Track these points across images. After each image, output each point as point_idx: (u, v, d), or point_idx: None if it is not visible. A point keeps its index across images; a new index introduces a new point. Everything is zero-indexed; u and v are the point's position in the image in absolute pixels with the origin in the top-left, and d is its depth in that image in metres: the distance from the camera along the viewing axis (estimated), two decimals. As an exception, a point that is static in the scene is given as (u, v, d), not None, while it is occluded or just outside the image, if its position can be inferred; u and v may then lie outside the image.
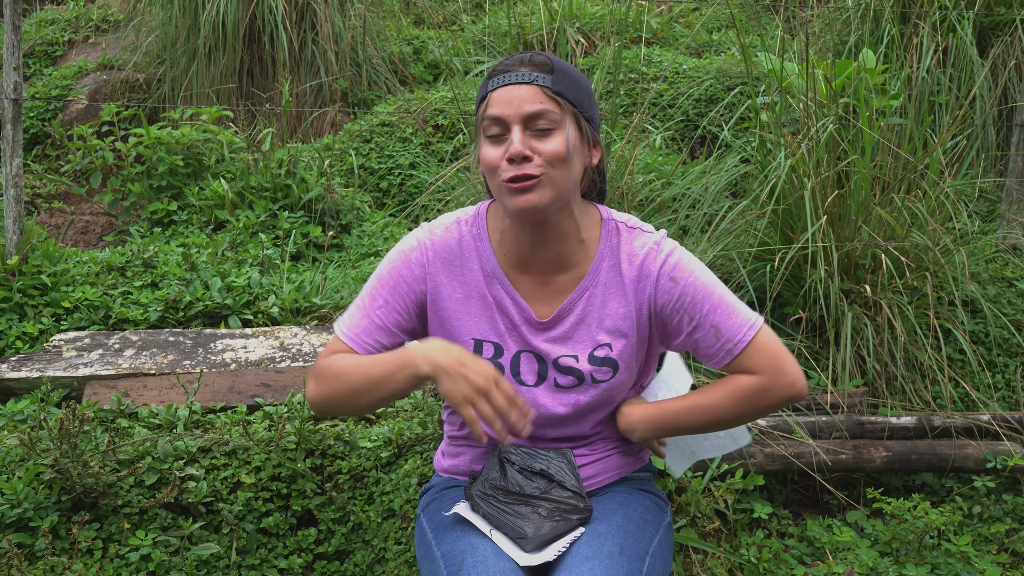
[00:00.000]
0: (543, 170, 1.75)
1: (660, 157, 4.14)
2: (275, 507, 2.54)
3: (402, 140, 4.76)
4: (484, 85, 1.80)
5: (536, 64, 1.78)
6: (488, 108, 1.77)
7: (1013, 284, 3.60)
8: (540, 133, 1.76)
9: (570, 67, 1.82)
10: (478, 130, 1.84)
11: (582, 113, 1.80)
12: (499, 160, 1.77)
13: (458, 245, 1.92)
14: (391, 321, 1.90)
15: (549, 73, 1.77)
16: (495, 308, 1.91)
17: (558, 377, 1.90)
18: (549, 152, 1.75)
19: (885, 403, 3.11)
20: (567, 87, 1.78)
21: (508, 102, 1.75)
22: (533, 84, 1.75)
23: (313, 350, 3.12)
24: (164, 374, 2.97)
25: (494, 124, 1.77)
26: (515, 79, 1.76)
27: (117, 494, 2.43)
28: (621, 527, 1.84)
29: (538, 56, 1.79)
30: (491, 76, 1.80)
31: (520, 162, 1.75)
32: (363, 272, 3.71)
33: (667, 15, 6.21)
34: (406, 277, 1.90)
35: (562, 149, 1.76)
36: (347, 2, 5.46)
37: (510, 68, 1.78)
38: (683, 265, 1.87)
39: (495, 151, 1.78)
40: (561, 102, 1.76)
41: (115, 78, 5.49)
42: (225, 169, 4.39)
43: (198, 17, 5.14)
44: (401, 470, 2.61)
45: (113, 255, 3.62)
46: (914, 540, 2.73)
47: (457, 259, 1.91)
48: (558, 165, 1.76)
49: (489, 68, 1.88)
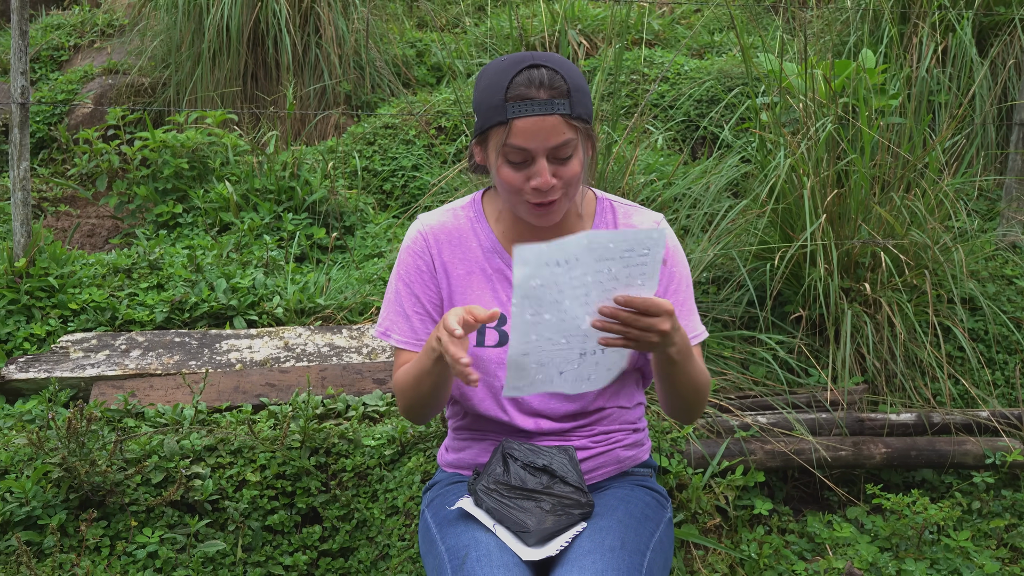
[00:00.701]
0: (563, 191, 1.84)
1: (662, 158, 4.17)
2: (280, 505, 2.57)
3: (405, 142, 4.80)
4: (500, 106, 1.79)
5: (555, 89, 1.78)
6: (510, 137, 1.79)
7: (1013, 282, 3.62)
8: (561, 160, 1.81)
9: (575, 72, 1.84)
10: (489, 144, 1.85)
11: (590, 122, 1.86)
12: (522, 184, 1.83)
13: (456, 227, 2.00)
14: (431, 310, 1.99)
15: (567, 97, 1.79)
16: (496, 279, 1.98)
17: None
18: (570, 175, 1.83)
19: (885, 400, 3.13)
20: (582, 106, 1.82)
21: (533, 135, 1.78)
22: (556, 115, 1.78)
23: (317, 350, 3.15)
24: (170, 374, 3.00)
25: (516, 152, 1.80)
26: (538, 110, 1.77)
27: (124, 492, 2.46)
28: (622, 522, 1.86)
29: (554, 77, 1.79)
30: (509, 99, 1.78)
31: (547, 192, 1.82)
32: (367, 273, 3.74)
33: (668, 17, 6.24)
34: (420, 267, 1.98)
35: (580, 169, 1.84)
36: (350, 5, 5.49)
37: (528, 95, 1.77)
38: (674, 252, 1.98)
39: (516, 174, 1.83)
40: (579, 126, 1.82)
41: (120, 82, 5.53)
42: (230, 172, 4.42)
43: (202, 21, 5.18)
44: (405, 467, 2.63)
45: (119, 257, 3.66)
46: (913, 535, 2.75)
47: (456, 239, 1.99)
48: (575, 183, 1.85)
49: (489, 67, 1.87)
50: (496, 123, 1.81)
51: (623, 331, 1.62)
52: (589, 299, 1.58)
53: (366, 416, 2.84)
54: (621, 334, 1.62)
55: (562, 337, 1.62)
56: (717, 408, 3.00)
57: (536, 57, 1.83)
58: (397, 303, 2.00)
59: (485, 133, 1.85)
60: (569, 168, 1.83)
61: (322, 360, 3.11)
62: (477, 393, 1.97)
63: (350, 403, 2.85)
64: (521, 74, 1.80)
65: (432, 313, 1.99)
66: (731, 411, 2.99)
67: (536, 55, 1.84)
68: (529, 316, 1.57)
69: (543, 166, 1.81)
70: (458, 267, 1.98)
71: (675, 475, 2.74)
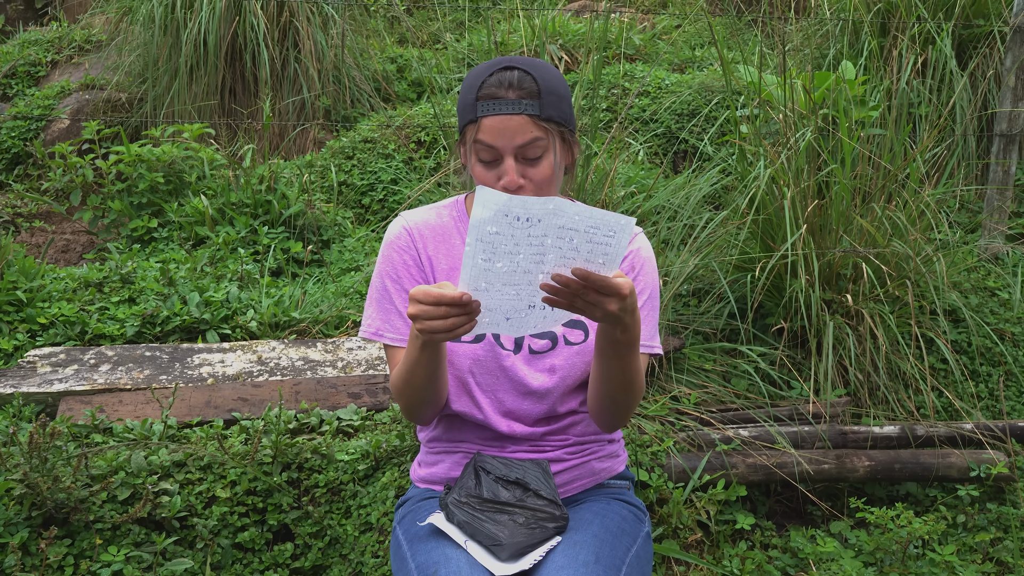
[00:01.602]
0: (534, 192, 1.84)
1: (642, 171, 4.14)
2: (251, 522, 2.51)
3: (384, 156, 4.75)
4: (471, 105, 1.83)
5: (524, 90, 1.80)
6: (479, 134, 1.82)
7: (995, 293, 3.59)
8: (530, 161, 1.83)
9: (550, 76, 1.85)
10: (466, 144, 1.88)
11: (566, 126, 1.87)
12: (492, 182, 1.84)
13: (439, 224, 2.01)
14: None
15: (536, 98, 1.81)
16: None
17: (532, 342, 1.94)
18: (540, 177, 1.84)
19: (868, 413, 3.09)
20: (554, 108, 1.83)
21: (500, 133, 1.80)
22: (523, 114, 1.80)
23: (291, 364, 3.10)
24: (140, 389, 2.94)
25: (486, 150, 1.83)
26: (505, 109, 1.80)
27: (89, 509, 2.39)
28: (597, 536, 1.83)
29: (524, 78, 1.81)
30: (479, 97, 1.81)
31: (514, 191, 1.81)
32: (343, 287, 3.68)
33: (650, 32, 6.23)
34: (407, 261, 1.96)
35: (551, 172, 1.85)
36: (330, 20, 5.45)
37: (497, 94, 1.80)
38: (647, 263, 1.98)
39: (487, 173, 1.84)
40: (548, 127, 1.82)
41: (97, 97, 5.46)
42: (206, 186, 4.36)
43: (180, 36, 5.13)
44: (379, 483, 2.58)
45: (91, 271, 3.59)
46: (898, 550, 2.70)
47: (440, 234, 1.99)
48: (546, 186, 1.85)
49: (472, 70, 1.88)
50: (468, 121, 1.84)
51: (570, 298, 1.58)
52: (545, 260, 1.55)
53: (340, 431, 2.78)
54: (567, 299, 1.59)
55: (512, 288, 1.59)
56: (698, 421, 2.95)
57: (514, 61, 1.85)
58: (386, 301, 1.95)
59: (463, 132, 1.88)
60: (538, 170, 1.84)
61: (296, 374, 3.05)
62: (452, 391, 1.95)
63: (324, 417, 2.79)
64: (494, 75, 1.83)
65: None
66: (712, 424, 2.95)
67: (515, 59, 1.86)
68: (481, 261, 1.54)
69: (510, 165, 1.82)
70: (442, 261, 1.98)
71: (655, 489, 2.69)
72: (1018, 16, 3.53)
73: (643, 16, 6.55)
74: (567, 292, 1.57)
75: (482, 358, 1.93)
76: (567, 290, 1.57)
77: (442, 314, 1.59)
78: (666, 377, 3.10)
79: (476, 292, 1.58)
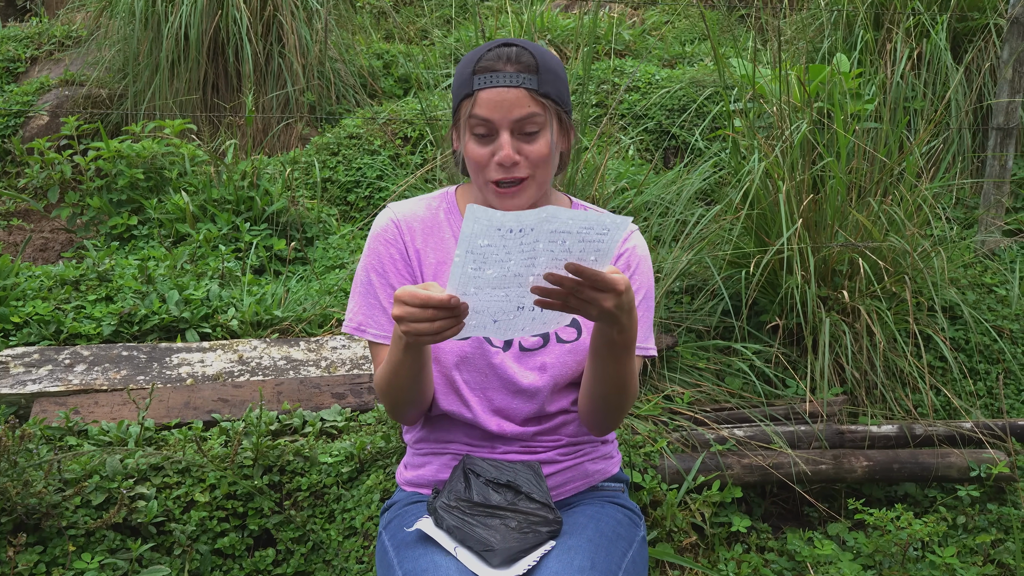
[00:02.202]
0: (530, 171, 1.79)
1: (632, 166, 4.06)
2: (230, 527, 2.42)
3: (370, 152, 4.66)
4: (468, 79, 1.78)
5: (522, 64, 1.76)
6: (475, 107, 1.76)
7: (993, 290, 3.53)
8: (527, 136, 1.77)
9: (549, 56, 1.82)
10: (460, 122, 1.82)
11: (563, 108, 1.82)
12: (487, 159, 1.79)
13: (428, 216, 1.94)
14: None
15: (535, 73, 1.76)
16: None
17: (523, 340, 1.88)
18: (536, 155, 1.78)
19: (865, 412, 3.02)
20: (552, 85, 1.79)
21: (497, 106, 1.75)
22: (521, 87, 1.75)
23: (273, 364, 3.01)
24: (116, 390, 2.84)
25: (481, 124, 1.77)
26: (503, 81, 1.75)
27: (62, 515, 2.30)
28: (592, 541, 1.76)
29: (523, 53, 1.78)
30: (476, 71, 1.77)
31: (510, 167, 1.77)
32: (327, 284, 3.59)
33: (639, 28, 6.16)
34: (394, 255, 1.90)
35: (547, 151, 1.79)
36: (314, 15, 5.36)
37: (495, 67, 1.76)
38: (642, 261, 1.92)
39: (481, 149, 1.79)
40: (546, 103, 1.77)
41: (77, 93, 5.36)
42: (187, 183, 4.27)
43: (161, 30, 5.03)
44: (363, 486, 2.49)
45: (67, 269, 3.49)
46: (898, 552, 2.63)
47: (429, 228, 1.92)
48: (543, 165, 1.80)
49: (474, 51, 1.83)
50: (464, 96, 1.79)
51: (564, 297, 1.51)
52: (536, 262, 1.48)
53: (324, 432, 2.69)
54: (561, 299, 1.51)
55: (501, 291, 1.52)
56: (692, 421, 2.88)
57: (511, 40, 1.81)
58: (371, 295, 1.89)
59: (457, 111, 1.82)
60: (535, 147, 1.78)
61: (278, 374, 2.96)
62: (439, 389, 1.88)
63: (307, 419, 2.70)
64: (492, 51, 1.79)
65: None
66: (707, 424, 2.87)
67: (512, 39, 1.81)
68: (471, 270, 1.47)
69: (506, 139, 1.76)
70: (430, 255, 1.91)
71: (649, 491, 2.62)
72: (1016, 7, 3.47)
73: (632, 12, 6.48)
74: (560, 291, 1.50)
75: (470, 355, 1.86)
76: (560, 288, 1.50)
77: (429, 316, 1.52)
78: (659, 376, 3.02)
79: (464, 296, 1.52)
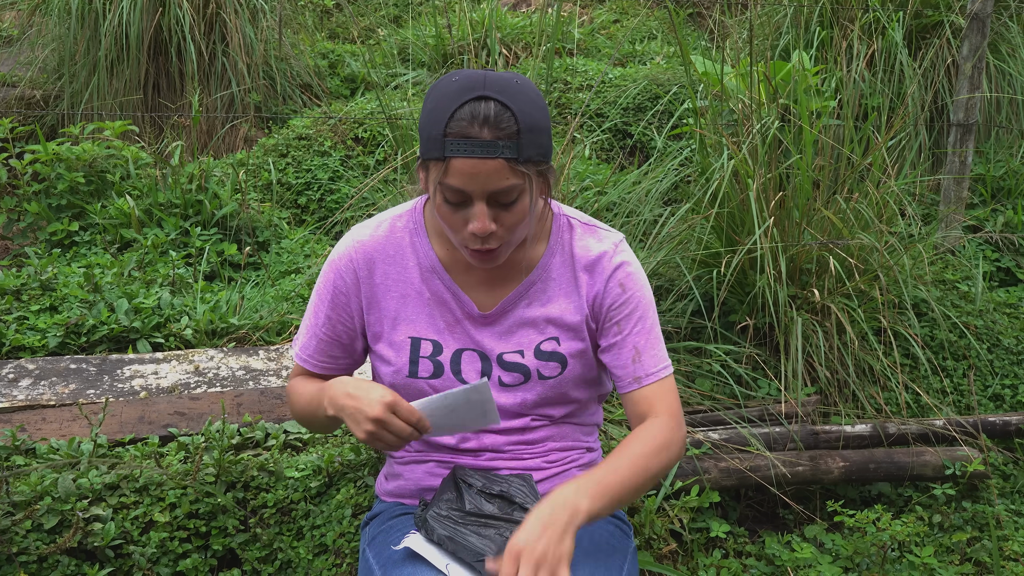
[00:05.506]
0: (506, 237, 1.65)
1: (591, 167, 4.00)
2: (193, 547, 2.29)
3: (320, 154, 4.54)
4: (438, 141, 1.56)
5: (500, 130, 1.54)
6: (447, 175, 1.57)
7: (955, 286, 3.53)
8: (504, 205, 1.60)
9: (529, 105, 1.59)
10: (429, 177, 1.63)
11: (545, 162, 1.63)
12: (460, 225, 1.63)
13: (391, 244, 1.81)
14: (340, 334, 1.85)
15: (514, 139, 1.55)
16: (434, 303, 1.80)
17: (503, 375, 1.79)
18: (512, 222, 1.63)
19: (837, 411, 2.99)
20: (534, 147, 1.58)
21: (471, 178, 1.56)
22: (499, 159, 1.55)
23: (232, 374, 2.88)
24: (65, 405, 2.70)
25: (455, 193, 1.59)
26: (479, 152, 1.54)
27: (12, 540, 2.16)
28: (588, 554, 1.70)
29: (501, 114, 1.55)
30: (448, 134, 1.55)
31: (486, 237, 1.63)
32: (284, 290, 3.47)
33: (588, 27, 6.11)
34: (341, 288, 1.81)
35: (524, 215, 1.63)
36: (259, 13, 5.22)
37: (469, 133, 1.54)
38: (635, 277, 1.81)
39: (454, 215, 1.63)
40: (527, 170, 1.58)
41: (9, 95, 5.15)
42: (131, 186, 4.10)
43: (98, 28, 4.84)
44: (333, 501, 2.38)
45: (6, 278, 3.32)
46: (876, 554, 2.60)
47: (391, 258, 1.80)
48: (520, 229, 1.66)
49: (437, 87, 1.63)
50: (434, 157, 1.58)
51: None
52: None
53: (288, 445, 2.57)
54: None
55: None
56: (667, 425, 2.81)
57: (488, 84, 1.57)
58: (311, 314, 1.87)
59: (426, 163, 1.63)
60: (512, 214, 1.61)
61: (237, 385, 2.84)
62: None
63: (270, 431, 2.58)
64: (465, 106, 1.55)
65: (339, 338, 1.84)
66: (682, 427, 2.81)
67: (489, 80, 1.57)
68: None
69: (482, 210, 1.59)
70: (391, 290, 1.80)
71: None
72: (975, 3, 3.47)
73: (581, 10, 6.44)
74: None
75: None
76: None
77: (400, 444, 1.65)
78: (631, 379, 2.95)
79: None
